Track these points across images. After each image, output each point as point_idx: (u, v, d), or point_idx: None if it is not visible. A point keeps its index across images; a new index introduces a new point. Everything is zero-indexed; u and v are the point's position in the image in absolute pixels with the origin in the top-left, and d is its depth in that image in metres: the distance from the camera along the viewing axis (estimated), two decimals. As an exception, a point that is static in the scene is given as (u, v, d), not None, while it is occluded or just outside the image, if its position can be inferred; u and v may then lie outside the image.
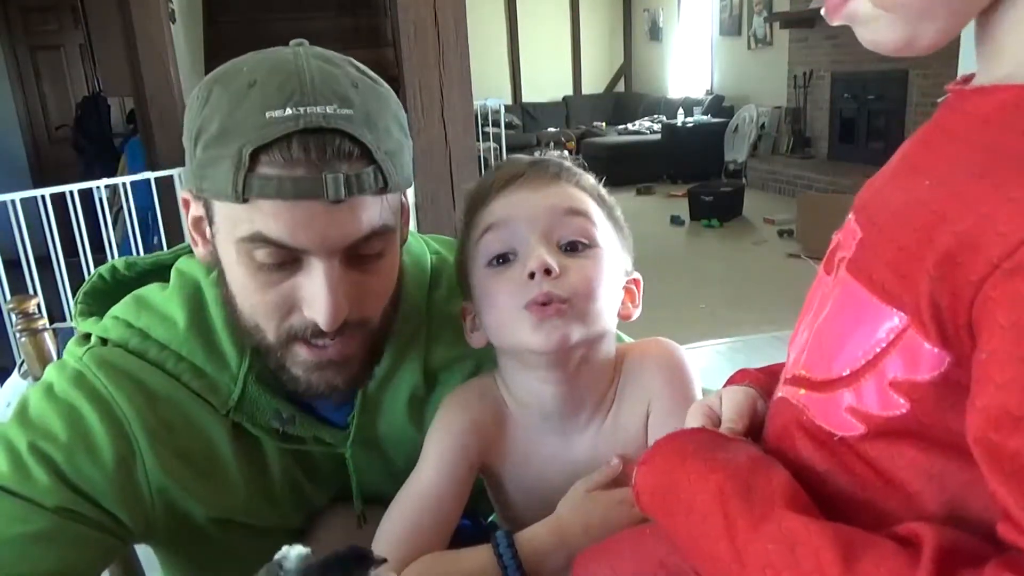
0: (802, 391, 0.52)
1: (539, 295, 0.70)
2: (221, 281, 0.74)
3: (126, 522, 0.74)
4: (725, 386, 0.66)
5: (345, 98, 0.66)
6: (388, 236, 0.72)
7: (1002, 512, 0.38)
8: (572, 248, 0.73)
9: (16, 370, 1.41)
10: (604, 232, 0.76)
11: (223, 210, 0.69)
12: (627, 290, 0.80)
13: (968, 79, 0.47)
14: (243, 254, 0.68)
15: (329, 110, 0.65)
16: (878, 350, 0.44)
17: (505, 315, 0.73)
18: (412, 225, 3.52)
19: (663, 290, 4.71)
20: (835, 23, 0.47)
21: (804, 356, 0.52)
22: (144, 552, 0.91)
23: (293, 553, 0.58)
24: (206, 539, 0.81)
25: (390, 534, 0.76)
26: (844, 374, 0.47)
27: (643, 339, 0.81)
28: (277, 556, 0.58)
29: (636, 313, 0.81)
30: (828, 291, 0.51)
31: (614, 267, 0.76)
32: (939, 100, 0.50)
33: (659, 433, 0.76)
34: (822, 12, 0.47)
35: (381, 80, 0.74)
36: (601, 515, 0.73)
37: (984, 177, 0.39)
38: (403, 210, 0.77)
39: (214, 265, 0.74)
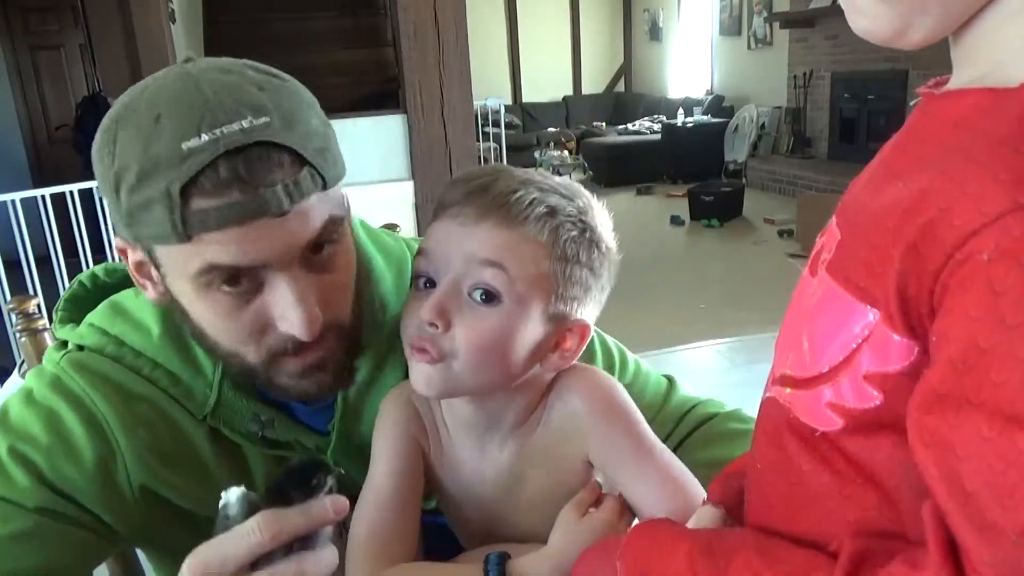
0: (788, 390, 0.53)
1: (415, 339, 0.69)
2: (185, 319, 0.72)
3: (109, 522, 0.74)
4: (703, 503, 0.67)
5: (256, 106, 0.64)
6: (339, 227, 0.70)
7: (927, 491, 0.41)
8: (483, 297, 0.68)
9: (16, 370, 1.42)
10: (529, 285, 0.68)
11: (167, 252, 0.66)
12: (565, 334, 0.73)
13: (942, 82, 0.49)
14: (201, 288, 0.67)
15: (245, 124, 0.62)
16: (853, 346, 0.46)
17: (404, 337, 0.71)
18: (412, 225, 3.52)
19: (663, 290, 4.71)
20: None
21: (790, 356, 0.54)
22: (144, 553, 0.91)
23: (233, 497, 0.58)
24: (193, 540, 0.81)
25: (357, 539, 0.75)
26: (824, 371, 0.49)
27: (571, 366, 0.77)
28: (220, 504, 0.58)
29: (565, 365, 0.75)
30: (811, 292, 0.52)
31: (525, 324, 0.69)
32: (912, 103, 0.51)
33: (609, 459, 0.75)
34: None
35: (283, 74, 0.71)
36: (596, 541, 0.72)
37: (945, 174, 0.42)
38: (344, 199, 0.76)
39: (170, 306, 0.73)
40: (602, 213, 0.75)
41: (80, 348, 0.78)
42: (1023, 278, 0.37)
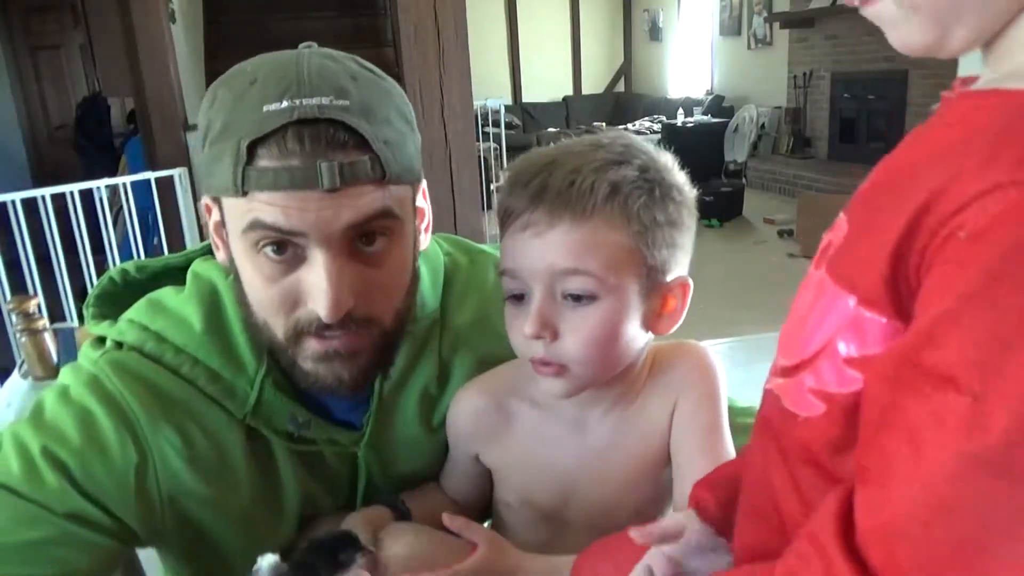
0: (780, 379, 0.54)
1: (535, 357, 0.72)
2: (236, 281, 0.74)
3: (134, 527, 0.74)
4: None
5: (342, 89, 0.67)
6: (391, 224, 0.71)
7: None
8: (576, 298, 0.70)
9: (16, 370, 1.42)
10: (617, 272, 0.69)
11: (229, 205, 0.70)
12: (667, 297, 0.74)
13: (966, 82, 0.48)
14: (248, 246, 0.69)
15: (324, 101, 0.66)
16: (832, 330, 0.48)
17: (520, 354, 0.75)
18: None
19: (663, 290, 4.71)
20: (866, 14, 0.48)
21: (787, 347, 0.55)
22: (145, 553, 0.91)
23: (265, 565, 0.58)
24: (213, 545, 0.80)
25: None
26: (807, 358, 0.50)
27: (676, 341, 0.80)
28: (253, 569, 0.59)
29: (675, 325, 0.75)
30: (811, 285, 0.53)
31: (627, 307, 0.71)
32: (933, 108, 0.51)
33: (684, 425, 0.77)
34: (856, 2, 0.48)
35: (385, 75, 0.74)
36: None
37: (944, 159, 0.42)
38: (417, 212, 0.77)
39: (230, 267, 0.75)
40: (662, 157, 0.74)
41: (119, 345, 0.78)
42: (990, 253, 0.38)
